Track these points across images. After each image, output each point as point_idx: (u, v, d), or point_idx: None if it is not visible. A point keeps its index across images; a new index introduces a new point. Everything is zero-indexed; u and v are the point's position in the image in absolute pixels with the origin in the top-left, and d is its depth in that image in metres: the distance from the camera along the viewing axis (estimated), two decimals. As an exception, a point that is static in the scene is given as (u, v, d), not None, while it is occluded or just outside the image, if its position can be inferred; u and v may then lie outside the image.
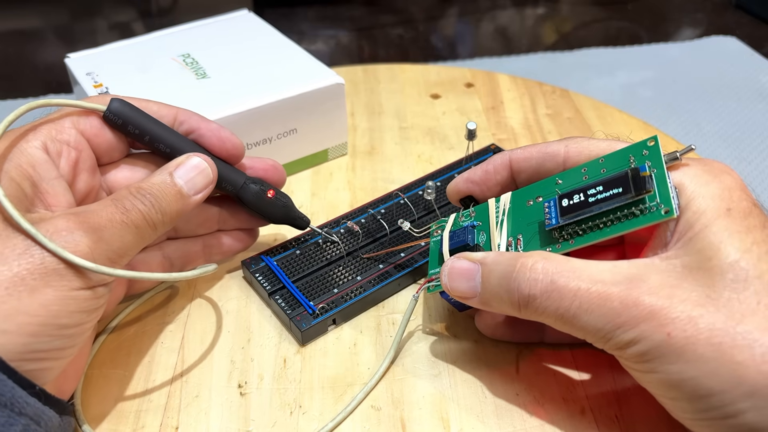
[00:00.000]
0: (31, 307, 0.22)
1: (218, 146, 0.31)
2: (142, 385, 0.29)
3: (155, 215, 0.26)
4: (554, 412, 0.28)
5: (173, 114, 0.30)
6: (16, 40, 0.85)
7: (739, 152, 0.55)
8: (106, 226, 0.24)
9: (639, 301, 0.22)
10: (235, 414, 0.28)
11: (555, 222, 0.26)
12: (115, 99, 0.28)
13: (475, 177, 0.31)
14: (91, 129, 0.28)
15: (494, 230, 0.29)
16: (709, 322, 0.21)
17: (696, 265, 0.22)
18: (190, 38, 0.46)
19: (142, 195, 0.26)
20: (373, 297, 0.33)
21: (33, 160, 0.25)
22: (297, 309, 0.31)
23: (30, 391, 0.22)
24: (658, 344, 0.21)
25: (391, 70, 0.56)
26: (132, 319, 0.33)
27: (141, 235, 0.26)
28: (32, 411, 0.22)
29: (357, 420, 0.28)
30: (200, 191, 0.28)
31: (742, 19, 0.86)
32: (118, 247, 0.25)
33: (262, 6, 0.94)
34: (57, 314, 0.23)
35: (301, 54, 0.45)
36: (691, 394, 0.21)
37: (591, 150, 0.27)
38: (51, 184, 0.26)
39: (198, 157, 0.29)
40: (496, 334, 0.30)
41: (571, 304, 0.23)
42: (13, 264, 0.22)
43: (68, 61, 0.44)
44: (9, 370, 0.21)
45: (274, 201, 0.32)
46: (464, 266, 0.27)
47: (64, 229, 0.23)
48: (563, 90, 0.53)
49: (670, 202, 0.23)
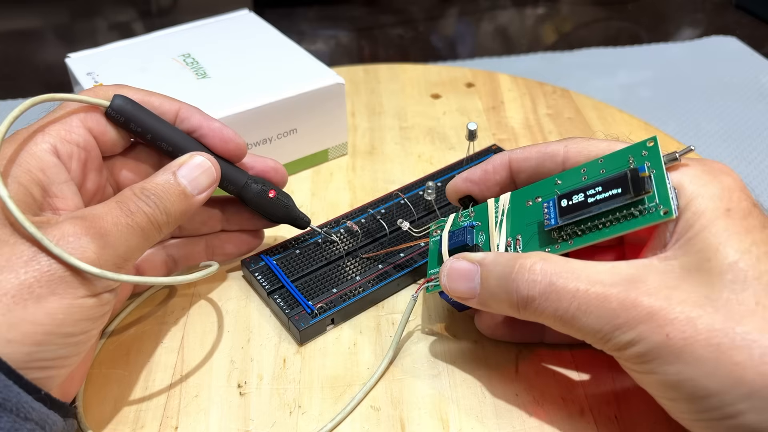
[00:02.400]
0: (37, 316, 0.22)
1: (220, 145, 0.30)
2: (141, 384, 0.29)
3: (160, 216, 0.26)
4: (553, 413, 0.28)
5: (176, 109, 0.30)
6: (16, 40, 0.85)
7: (739, 152, 0.55)
8: (111, 230, 0.24)
9: (637, 302, 0.22)
10: (234, 414, 0.28)
11: (554, 222, 0.26)
12: (117, 96, 0.28)
13: (474, 176, 0.31)
14: (97, 126, 0.28)
15: (493, 230, 0.29)
16: (708, 323, 0.21)
17: (695, 266, 0.22)
18: (191, 38, 0.46)
19: (146, 196, 0.26)
20: (372, 297, 0.33)
21: (43, 165, 0.25)
22: (296, 308, 0.31)
23: (35, 396, 0.22)
24: (656, 345, 0.21)
25: (392, 69, 0.56)
26: (132, 320, 0.33)
27: (146, 237, 0.26)
28: (37, 416, 0.22)
29: (356, 420, 0.28)
30: (204, 190, 0.28)
31: (742, 19, 0.86)
32: (123, 252, 0.25)
33: (262, 6, 0.94)
34: (62, 323, 0.22)
35: (302, 54, 0.45)
36: (689, 395, 0.21)
37: (590, 150, 0.27)
38: (60, 188, 0.26)
39: (201, 156, 0.28)
40: (496, 334, 0.30)
41: (570, 305, 0.23)
42: (20, 272, 0.22)
43: (69, 61, 0.44)
44: (15, 375, 0.21)
45: (275, 201, 0.32)
46: (463, 267, 0.26)
47: (71, 235, 0.23)
48: (564, 90, 0.53)
49: (669, 203, 0.23)
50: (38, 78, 0.72)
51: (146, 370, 0.30)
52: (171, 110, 0.30)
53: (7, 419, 0.21)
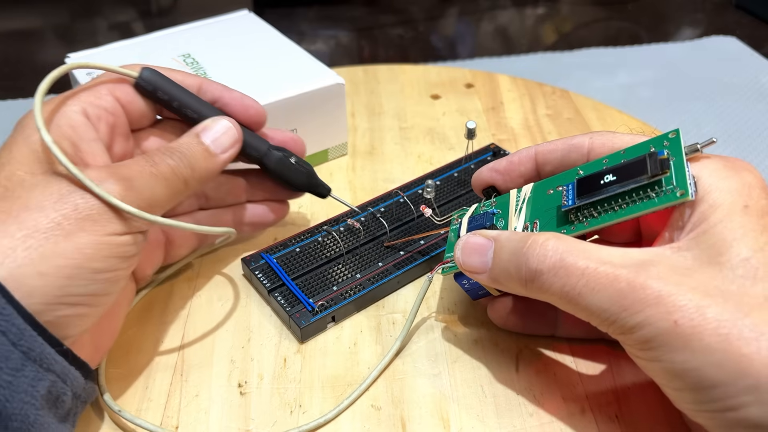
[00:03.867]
0: (67, 251, 0.23)
1: (242, 112, 0.32)
2: (141, 384, 0.29)
3: (184, 169, 0.27)
4: (554, 412, 0.28)
5: (198, 83, 0.32)
6: (16, 40, 0.85)
7: (739, 152, 0.55)
8: (136, 176, 0.26)
9: (646, 284, 0.22)
10: (235, 413, 0.28)
11: (571, 203, 0.26)
12: (145, 68, 0.30)
13: (500, 167, 0.31)
14: (125, 96, 0.29)
15: (513, 216, 0.29)
16: (717, 312, 0.21)
17: (707, 258, 0.22)
18: (191, 38, 0.46)
19: (170, 152, 0.27)
20: (373, 294, 0.33)
21: (73, 122, 0.26)
22: (296, 306, 0.32)
23: (57, 350, 0.23)
24: (664, 331, 0.21)
25: (392, 70, 0.56)
26: (131, 319, 0.33)
27: (171, 187, 0.27)
28: (59, 368, 0.23)
29: (357, 419, 0.28)
30: (227, 150, 0.30)
31: (742, 19, 0.86)
32: (148, 197, 0.26)
33: (262, 6, 0.94)
34: (91, 257, 0.23)
35: (301, 54, 0.45)
36: (694, 385, 0.21)
37: (615, 142, 0.27)
38: (90, 145, 0.27)
39: (224, 119, 0.30)
40: (508, 324, 0.30)
41: (578, 282, 0.23)
42: (50, 210, 0.23)
43: (68, 62, 0.44)
44: (39, 326, 0.22)
45: (297, 167, 0.33)
46: (478, 241, 0.27)
47: (95, 178, 0.24)
48: (563, 90, 0.53)
49: (686, 185, 0.23)
50: (38, 78, 0.72)
51: (146, 369, 0.30)
52: (194, 83, 0.31)
53: (30, 368, 0.22)
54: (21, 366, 0.21)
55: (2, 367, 0.21)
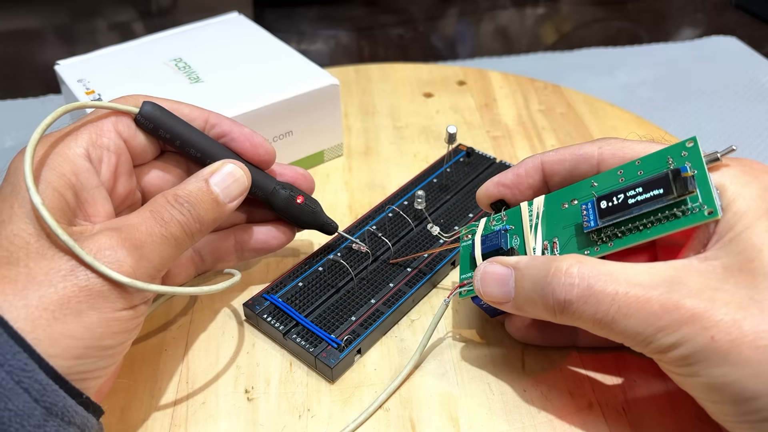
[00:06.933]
0: (77, 331, 0.22)
1: (250, 151, 0.31)
2: (148, 393, 0.29)
3: (193, 224, 0.26)
4: (562, 407, 0.28)
5: (204, 117, 0.30)
6: (16, 40, 0.84)
7: (740, 152, 0.55)
8: (146, 241, 0.24)
9: (680, 304, 0.22)
10: (243, 419, 0.28)
11: (594, 225, 0.26)
12: (147, 102, 0.28)
13: (507, 180, 0.30)
14: (128, 130, 0.28)
15: (528, 234, 0.28)
16: (754, 324, 0.21)
17: (737, 266, 0.22)
18: (181, 42, 0.46)
19: (180, 204, 0.26)
20: (392, 318, 0.32)
21: (76, 169, 0.25)
22: (319, 345, 0.30)
23: (78, 401, 0.22)
24: (701, 348, 0.21)
25: (383, 69, 0.56)
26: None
27: (179, 246, 0.26)
28: (80, 420, 0.22)
29: (366, 422, 0.28)
30: (235, 199, 0.28)
31: (742, 19, 0.86)
32: (158, 263, 0.25)
33: (262, 6, 0.94)
34: (101, 336, 0.23)
35: (294, 55, 0.44)
36: (735, 398, 0.21)
37: (626, 152, 0.27)
38: (92, 194, 0.26)
39: (233, 164, 0.28)
40: (527, 337, 0.30)
41: (609, 308, 0.23)
42: (59, 286, 0.22)
43: (58, 69, 0.43)
44: (61, 380, 0.22)
45: (303, 206, 0.32)
46: (497, 271, 0.26)
47: (107, 248, 0.23)
48: (555, 86, 0.53)
49: (714, 203, 0.23)
50: (38, 78, 0.72)
51: (152, 378, 0.30)
52: (200, 117, 0.30)
53: (53, 423, 0.21)
54: (43, 422, 0.21)
55: (24, 424, 0.20)
